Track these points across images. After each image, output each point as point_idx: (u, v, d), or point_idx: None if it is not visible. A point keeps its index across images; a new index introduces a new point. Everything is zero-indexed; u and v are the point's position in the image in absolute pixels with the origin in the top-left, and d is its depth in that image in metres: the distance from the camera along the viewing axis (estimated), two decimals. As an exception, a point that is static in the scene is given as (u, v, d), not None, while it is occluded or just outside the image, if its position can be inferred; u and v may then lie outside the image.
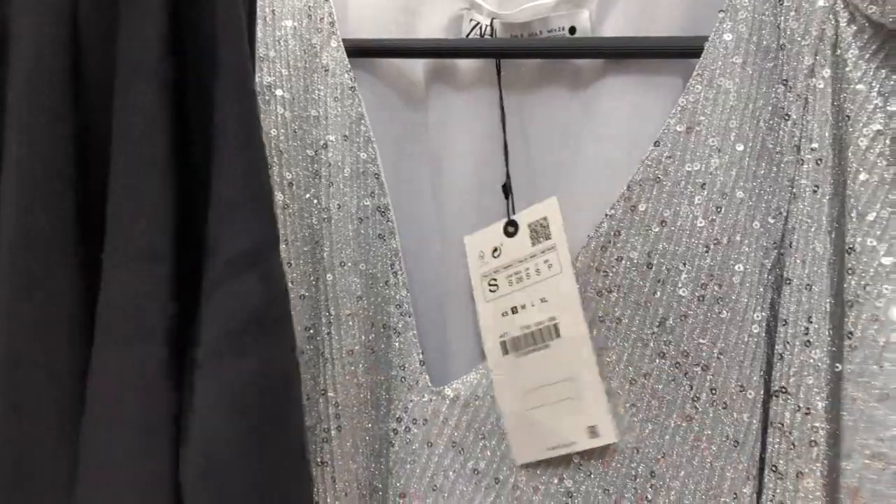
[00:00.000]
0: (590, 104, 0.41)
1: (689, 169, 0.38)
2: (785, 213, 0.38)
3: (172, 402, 0.30)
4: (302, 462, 0.31)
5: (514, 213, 0.43)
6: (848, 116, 0.36)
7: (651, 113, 0.40)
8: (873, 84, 0.36)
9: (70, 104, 0.30)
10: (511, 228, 0.43)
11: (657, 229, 0.38)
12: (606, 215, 0.39)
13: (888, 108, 0.36)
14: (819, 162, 0.36)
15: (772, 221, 0.38)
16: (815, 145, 0.37)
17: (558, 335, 0.42)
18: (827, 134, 0.36)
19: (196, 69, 0.30)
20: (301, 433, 0.31)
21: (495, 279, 0.44)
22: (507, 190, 0.43)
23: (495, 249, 0.44)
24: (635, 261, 0.39)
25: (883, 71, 0.36)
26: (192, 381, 0.29)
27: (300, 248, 0.43)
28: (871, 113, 0.36)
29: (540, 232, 0.43)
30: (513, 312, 0.43)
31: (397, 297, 0.43)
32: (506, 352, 0.43)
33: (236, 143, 0.30)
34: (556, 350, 0.42)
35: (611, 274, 0.39)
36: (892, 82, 0.36)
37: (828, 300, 0.36)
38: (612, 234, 0.39)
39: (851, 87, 0.36)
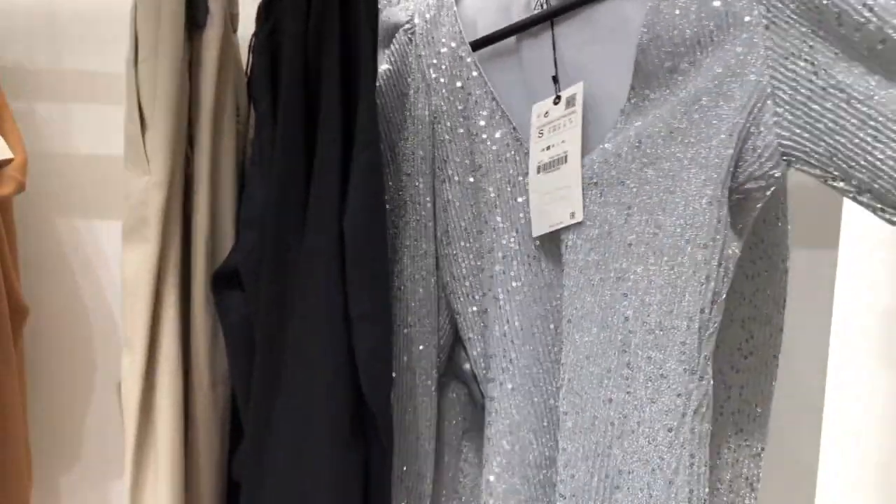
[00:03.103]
0: (598, 19, 0.68)
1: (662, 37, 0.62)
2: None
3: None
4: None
5: (559, 91, 0.72)
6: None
7: (637, 8, 0.64)
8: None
9: (303, 97, 0.62)
10: (556, 101, 0.72)
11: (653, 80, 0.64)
12: (626, 81, 0.64)
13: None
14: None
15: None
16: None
17: (566, 162, 0.70)
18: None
19: (355, 82, 0.63)
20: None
21: (542, 130, 0.72)
22: (555, 79, 0.72)
23: (546, 112, 0.72)
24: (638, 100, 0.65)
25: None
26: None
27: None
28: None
29: (570, 101, 0.70)
30: (547, 149, 0.72)
31: (515, 142, 0.74)
32: (538, 171, 0.72)
33: (366, 127, 0.63)
34: (563, 171, 0.70)
35: (643, 106, 0.65)
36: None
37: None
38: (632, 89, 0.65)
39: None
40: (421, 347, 0.78)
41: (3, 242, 0.86)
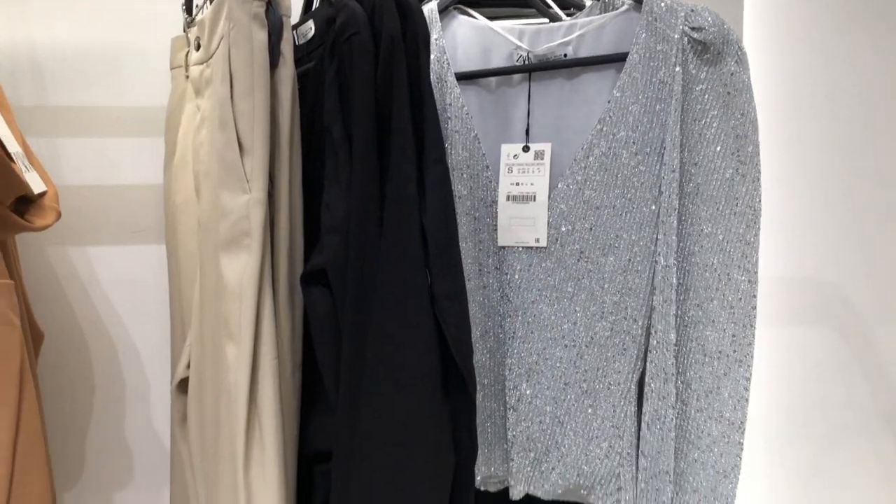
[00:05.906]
0: (574, 88, 0.91)
1: (624, 112, 0.86)
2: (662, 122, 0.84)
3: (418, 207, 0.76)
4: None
5: (529, 142, 0.94)
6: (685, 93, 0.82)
7: (603, 89, 0.88)
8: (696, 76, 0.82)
9: (375, 126, 0.73)
10: (525, 149, 0.94)
11: (611, 138, 0.87)
12: (589, 134, 0.87)
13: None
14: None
15: (658, 131, 0.85)
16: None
17: (534, 200, 0.92)
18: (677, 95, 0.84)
19: (420, 113, 0.76)
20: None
21: (511, 168, 0.94)
22: (527, 131, 0.94)
23: (515, 155, 0.94)
24: (602, 152, 0.87)
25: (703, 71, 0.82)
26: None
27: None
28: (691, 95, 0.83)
29: (539, 155, 0.93)
30: (516, 185, 0.94)
31: (486, 173, 0.94)
32: (507, 199, 0.94)
33: (435, 147, 0.77)
34: (530, 205, 0.92)
35: (586, 167, 0.89)
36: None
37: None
38: (591, 143, 0.88)
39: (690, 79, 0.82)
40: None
41: (20, 272, 0.87)
